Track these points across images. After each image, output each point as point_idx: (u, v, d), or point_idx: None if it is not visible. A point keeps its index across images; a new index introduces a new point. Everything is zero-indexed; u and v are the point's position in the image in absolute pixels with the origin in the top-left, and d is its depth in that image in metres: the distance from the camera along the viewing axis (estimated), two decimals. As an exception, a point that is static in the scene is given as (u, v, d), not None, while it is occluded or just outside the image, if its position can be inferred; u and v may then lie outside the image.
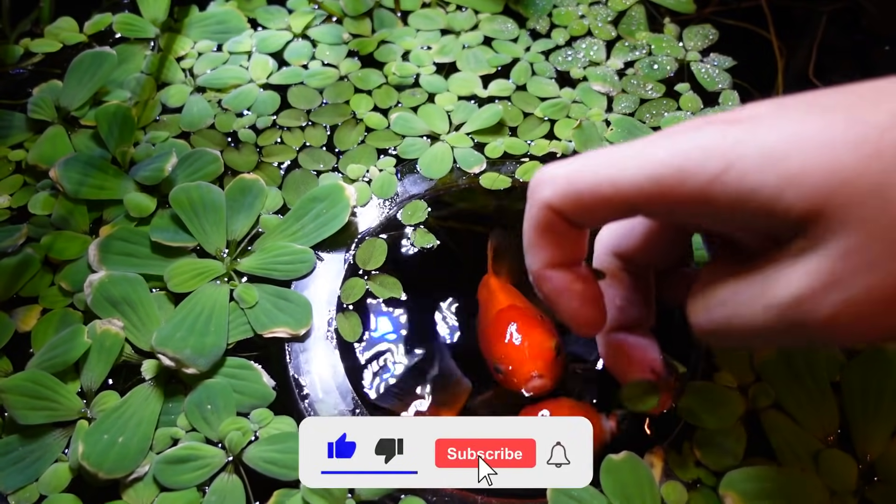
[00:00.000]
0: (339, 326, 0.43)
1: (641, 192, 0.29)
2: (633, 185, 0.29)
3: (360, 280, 0.45)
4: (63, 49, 0.56)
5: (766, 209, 0.26)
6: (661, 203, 0.29)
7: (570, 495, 0.36)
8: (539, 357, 0.38)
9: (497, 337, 0.40)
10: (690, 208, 0.28)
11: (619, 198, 0.29)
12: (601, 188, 0.29)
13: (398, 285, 0.44)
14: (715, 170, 0.27)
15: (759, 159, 0.26)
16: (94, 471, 0.36)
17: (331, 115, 0.53)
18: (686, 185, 0.28)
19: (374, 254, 0.46)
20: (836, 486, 0.36)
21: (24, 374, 0.39)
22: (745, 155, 0.27)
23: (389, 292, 0.44)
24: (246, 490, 0.37)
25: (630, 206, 0.30)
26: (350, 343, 0.42)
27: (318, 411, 0.40)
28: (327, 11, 0.59)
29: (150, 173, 0.47)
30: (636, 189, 0.29)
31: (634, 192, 0.29)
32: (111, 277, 0.42)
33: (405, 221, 0.47)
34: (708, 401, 0.39)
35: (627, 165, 0.29)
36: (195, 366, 0.39)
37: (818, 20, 0.58)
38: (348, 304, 0.44)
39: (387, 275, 0.45)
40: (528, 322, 0.40)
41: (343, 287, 0.44)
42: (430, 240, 0.46)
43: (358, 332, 0.43)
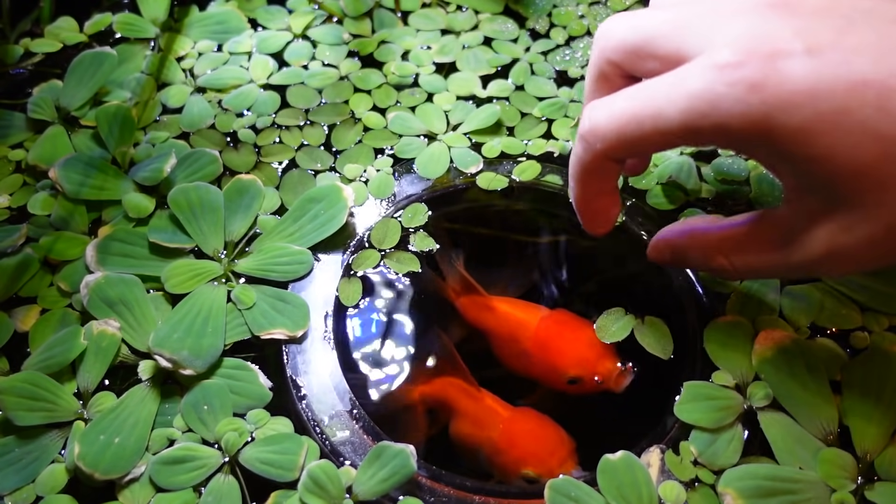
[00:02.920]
0: (341, 290, 0.44)
1: (686, 134, 0.31)
2: (676, 129, 0.31)
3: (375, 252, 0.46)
4: (63, 49, 0.56)
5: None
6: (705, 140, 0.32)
7: (568, 495, 0.36)
8: (609, 350, 0.40)
9: (556, 350, 0.40)
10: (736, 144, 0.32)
11: (665, 141, 0.32)
12: (648, 137, 0.32)
13: (415, 260, 0.45)
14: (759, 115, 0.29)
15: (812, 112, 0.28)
16: (90, 471, 0.36)
17: (329, 115, 0.53)
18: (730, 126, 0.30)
19: (389, 233, 0.46)
20: (835, 484, 0.36)
21: (20, 375, 0.39)
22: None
23: (407, 267, 0.45)
24: (242, 491, 0.37)
25: (676, 144, 0.33)
26: (348, 343, 0.42)
27: (316, 412, 0.40)
28: (327, 12, 0.59)
29: (149, 174, 0.47)
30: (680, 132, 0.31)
31: (679, 135, 0.32)
32: (107, 278, 0.42)
33: (406, 225, 0.47)
34: (705, 400, 0.39)
35: (667, 111, 0.31)
36: (192, 367, 0.39)
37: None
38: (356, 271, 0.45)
39: (402, 251, 0.46)
40: (571, 324, 0.41)
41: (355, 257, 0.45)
42: (429, 243, 0.46)
43: (356, 299, 0.44)
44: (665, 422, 0.39)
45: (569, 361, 0.40)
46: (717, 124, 0.30)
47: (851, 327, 0.42)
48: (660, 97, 0.31)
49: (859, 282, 0.43)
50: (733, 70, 0.29)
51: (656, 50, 0.33)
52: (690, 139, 0.32)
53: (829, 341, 0.41)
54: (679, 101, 0.31)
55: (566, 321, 0.42)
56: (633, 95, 0.33)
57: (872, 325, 0.42)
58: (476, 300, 0.44)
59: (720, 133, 0.30)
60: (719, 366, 0.40)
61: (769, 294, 0.43)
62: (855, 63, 0.28)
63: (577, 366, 0.40)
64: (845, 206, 0.31)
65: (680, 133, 0.31)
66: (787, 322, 0.42)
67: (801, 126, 0.29)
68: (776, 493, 0.36)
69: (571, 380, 0.40)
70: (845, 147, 0.29)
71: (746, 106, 0.29)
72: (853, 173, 0.29)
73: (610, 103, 0.34)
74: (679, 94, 0.31)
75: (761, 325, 0.41)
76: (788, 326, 0.41)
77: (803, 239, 0.33)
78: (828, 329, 0.42)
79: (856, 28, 0.29)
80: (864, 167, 0.29)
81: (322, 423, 0.39)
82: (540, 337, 0.41)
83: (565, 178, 0.48)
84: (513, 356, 0.42)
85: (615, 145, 0.34)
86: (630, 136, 0.33)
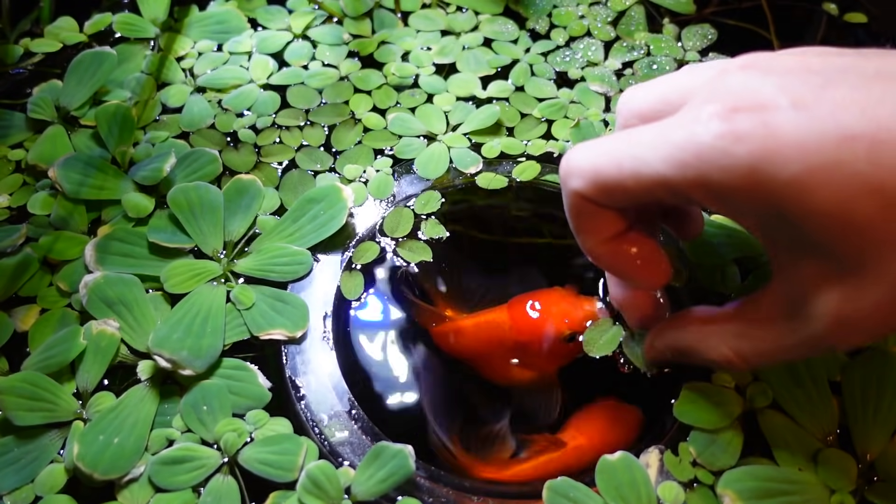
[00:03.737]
0: (343, 283, 0.44)
1: (665, 184, 0.30)
2: (655, 177, 0.30)
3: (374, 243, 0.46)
4: (63, 49, 0.56)
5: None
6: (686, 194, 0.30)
7: (566, 496, 0.36)
8: (579, 296, 0.41)
9: (538, 323, 0.41)
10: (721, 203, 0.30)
11: (643, 189, 0.31)
12: (625, 182, 0.31)
13: (427, 249, 0.45)
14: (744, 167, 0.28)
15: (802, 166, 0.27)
16: (89, 472, 0.36)
17: (329, 115, 0.53)
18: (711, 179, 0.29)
19: (402, 222, 0.47)
20: (835, 485, 0.36)
21: (20, 375, 0.39)
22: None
23: (419, 256, 0.45)
24: (241, 491, 0.37)
25: (655, 195, 0.31)
26: (347, 344, 0.42)
27: (315, 412, 0.40)
28: (327, 12, 0.59)
29: (149, 173, 0.47)
30: (658, 181, 0.30)
31: (658, 185, 0.30)
32: (106, 278, 0.42)
33: (419, 212, 0.47)
34: (705, 401, 0.39)
35: (648, 157, 0.30)
36: (192, 367, 0.39)
37: (818, 20, 0.58)
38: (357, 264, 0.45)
39: (415, 240, 0.46)
40: (536, 297, 0.42)
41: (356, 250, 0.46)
42: (439, 231, 0.46)
43: (358, 292, 0.44)
44: (664, 422, 0.39)
45: (556, 323, 0.40)
46: (700, 175, 0.29)
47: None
48: (644, 143, 0.31)
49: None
50: (720, 122, 0.28)
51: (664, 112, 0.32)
52: (671, 190, 0.30)
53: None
54: (662, 149, 0.30)
55: (530, 297, 0.42)
56: (617, 137, 0.32)
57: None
58: (443, 329, 0.43)
59: (704, 186, 0.29)
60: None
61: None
62: (842, 117, 0.27)
63: (565, 321, 0.40)
64: (845, 269, 0.29)
65: (660, 181, 0.30)
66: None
67: (791, 180, 0.27)
68: (775, 494, 0.36)
69: (568, 337, 0.40)
70: (840, 202, 0.27)
71: (733, 158, 0.28)
72: (850, 230, 0.27)
73: (592, 143, 0.33)
74: (663, 141, 0.30)
75: (761, 325, 0.41)
76: (788, 327, 0.41)
77: (807, 312, 0.31)
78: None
79: (835, 84, 0.28)
80: (860, 223, 0.27)
81: (321, 423, 0.39)
82: (517, 322, 0.41)
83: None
84: (502, 362, 0.42)
85: (591, 184, 0.32)
86: (607, 177, 0.32)
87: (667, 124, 0.31)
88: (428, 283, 0.44)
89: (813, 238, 0.28)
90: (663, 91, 0.33)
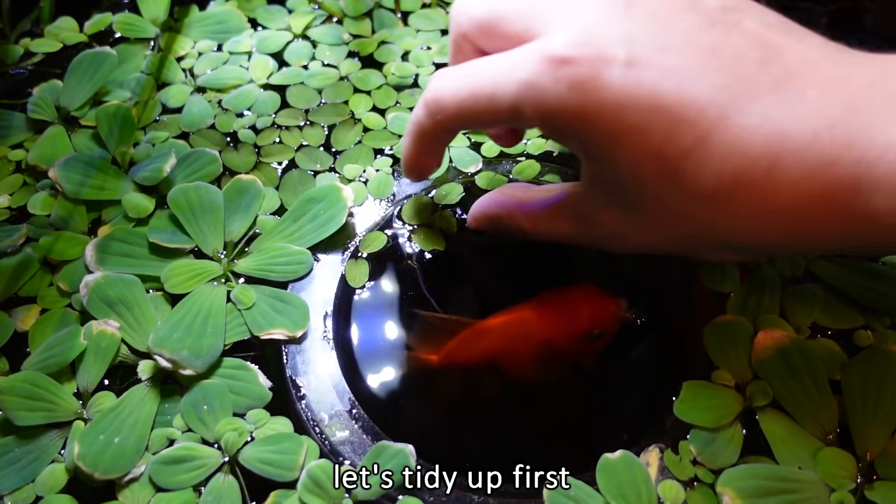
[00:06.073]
0: (347, 272, 0.45)
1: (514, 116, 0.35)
2: (506, 111, 0.35)
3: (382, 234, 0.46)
4: (63, 49, 0.56)
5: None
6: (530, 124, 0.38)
7: (567, 495, 0.36)
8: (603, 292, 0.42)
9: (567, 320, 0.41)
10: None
11: (495, 120, 0.37)
12: (482, 115, 0.36)
13: (441, 239, 0.46)
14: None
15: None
16: (89, 471, 0.36)
17: (329, 115, 0.53)
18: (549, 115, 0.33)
19: (420, 210, 0.47)
20: (835, 484, 0.36)
21: (20, 375, 0.39)
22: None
23: (432, 244, 0.46)
24: (242, 491, 0.37)
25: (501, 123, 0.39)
26: (347, 343, 0.42)
27: (316, 412, 0.40)
28: (327, 12, 0.59)
29: (149, 174, 0.47)
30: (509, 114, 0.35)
31: (508, 116, 0.35)
32: (107, 278, 0.42)
33: (438, 201, 0.48)
34: (705, 399, 0.39)
35: (500, 94, 0.34)
36: (192, 367, 0.39)
37: (819, 20, 0.58)
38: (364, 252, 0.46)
39: (429, 228, 0.46)
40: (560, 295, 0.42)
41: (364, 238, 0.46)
42: (451, 223, 0.47)
43: (363, 280, 0.44)
44: (664, 421, 0.39)
45: (586, 322, 0.41)
46: (540, 113, 0.33)
47: (852, 327, 0.42)
48: (497, 79, 0.34)
49: (860, 282, 0.43)
50: (560, 66, 0.32)
51: (505, 29, 0.36)
52: (519, 122, 0.37)
53: (828, 341, 0.41)
54: (510, 87, 0.34)
55: (558, 295, 0.42)
56: (474, 72, 0.36)
57: (875, 324, 0.42)
58: (461, 339, 0.42)
59: (542, 121, 0.34)
60: (719, 365, 0.40)
61: (770, 294, 0.43)
62: (662, 86, 0.31)
63: (595, 319, 0.41)
64: (630, 205, 0.35)
65: (510, 115, 0.35)
66: (787, 322, 0.42)
67: (606, 132, 0.32)
68: (775, 493, 0.36)
69: (597, 336, 0.41)
70: (635, 160, 0.32)
71: (566, 103, 0.32)
72: (639, 184, 0.34)
73: (455, 77, 0.37)
74: (512, 79, 0.34)
75: (762, 324, 0.41)
76: (789, 326, 0.41)
77: (594, 220, 0.38)
78: (829, 329, 0.42)
79: (675, 50, 0.31)
80: (645, 179, 0.33)
81: (321, 422, 0.39)
82: (546, 320, 0.41)
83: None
84: (529, 359, 0.42)
85: (454, 118, 0.37)
86: (467, 112, 0.36)
87: (518, 58, 0.34)
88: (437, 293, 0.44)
89: (613, 177, 0.35)
90: (513, 3, 0.36)
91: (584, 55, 0.32)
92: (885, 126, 0.29)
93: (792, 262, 0.44)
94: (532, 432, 0.40)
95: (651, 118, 0.31)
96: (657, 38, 0.32)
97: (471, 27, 0.38)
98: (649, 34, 0.32)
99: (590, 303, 0.41)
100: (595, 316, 0.41)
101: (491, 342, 0.42)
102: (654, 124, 0.31)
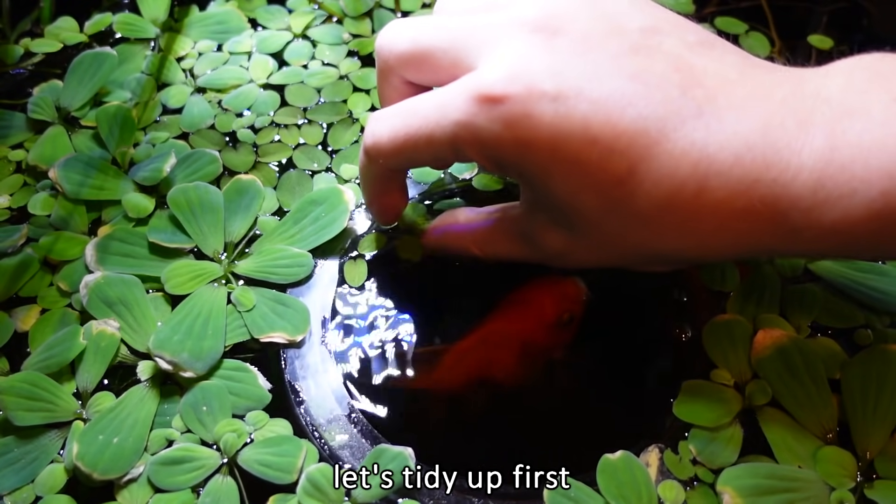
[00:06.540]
0: (346, 272, 0.45)
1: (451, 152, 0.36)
2: (443, 149, 0.36)
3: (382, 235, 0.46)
4: (63, 49, 0.56)
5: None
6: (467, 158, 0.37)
7: (567, 495, 0.36)
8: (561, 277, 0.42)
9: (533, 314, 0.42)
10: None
11: (433, 157, 0.37)
12: (420, 154, 0.37)
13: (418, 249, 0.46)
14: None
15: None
16: (88, 471, 0.36)
17: (328, 114, 0.53)
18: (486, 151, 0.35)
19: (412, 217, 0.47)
20: (835, 482, 0.36)
21: (20, 376, 0.39)
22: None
23: (409, 254, 0.46)
24: (240, 492, 0.37)
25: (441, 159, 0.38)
26: (346, 346, 0.42)
27: (314, 416, 0.40)
28: (327, 11, 0.59)
29: (149, 174, 0.47)
30: (446, 151, 0.36)
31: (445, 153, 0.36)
32: (107, 278, 0.42)
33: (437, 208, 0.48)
34: (704, 399, 0.39)
35: (436, 134, 0.35)
36: (192, 369, 0.39)
37: (818, 20, 0.58)
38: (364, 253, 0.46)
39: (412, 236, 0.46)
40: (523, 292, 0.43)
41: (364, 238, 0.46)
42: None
43: (361, 280, 0.45)
44: (664, 421, 0.39)
45: (554, 311, 0.42)
46: (478, 151, 0.35)
47: (853, 326, 0.42)
48: (431, 120, 0.35)
49: (861, 281, 0.43)
50: (492, 106, 0.33)
51: (433, 63, 0.37)
52: (458, 159, 0.37)
53: (828, 340, 0.41)
54: (447, 128, 0.35)
55: (518, 295, 0.43)
56: (409, 114, 0.37)
57: (875, 323, 0.42)
58: (444, 367, 0.42)
59: (481, 157, 0.35)
60: (718, 364, 0.40)
61: (770, 293, 0.43)
62: (592, 118, 0.32)
63: (560, 304, 0.42)
64: (570, 227, 0.37)
65: (450, 153, 0.36)
66: (787, 321, 0.42)
67: (542, 164, 0.33)
68: (775, 492, 0.36)
69: (567, 321, 0.41)
70: (571, 190, 0.34)
71: (501, 140, 0.33)
72: (578, 211, 0.35)
73: (390, 121, 0.37)
74: (447, 120, 0.35)
75: (762, 323, 0.41)
76: (789, 325, 0.41)
77: (537, 241, 0.39)
78: (829, 328, 0.42)
79: (602, 77, 0.32)
80: (586, 209, 0.34)
81: (320, 427, 0.39)
82: (519, 322, 0.42)
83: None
84: (513, 364, 0.42)
85: (395, 160, 0.38)
86: (408, 153, 0.37)
87: (452, 96, 0.35)
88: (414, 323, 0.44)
89: (553, 204, 0.36)
90: (439, 39, 0.37)
91: (514, 92, 0.33)
92: (796, 147, 0.31)
93: (791, 262, 0.44)
94: (532, 433, 0.40)
95: (584, 150, 0.32)
96: (583, 67, 0.33)
97: (397, 62, 0.39)
98: (575, 65, 0.33)
99: (549, 292, 0.42)
100: (559, 302, 0.42)
101: (473, 361, 0.42)
102: (587, 156, 0.32)
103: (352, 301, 0.44)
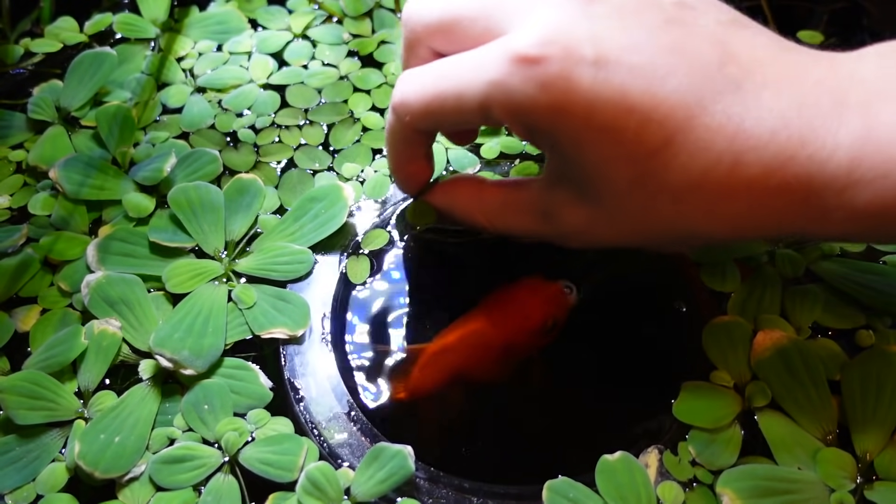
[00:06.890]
0: (349, 268, 0.45)
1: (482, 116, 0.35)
2: (474, 111, 0.35)
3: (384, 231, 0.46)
4: (63, 49, 0.56)
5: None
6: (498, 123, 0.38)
7: (566, 496, 0.36)
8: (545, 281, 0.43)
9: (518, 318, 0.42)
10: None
11: (463, 120, 0.36)
12: (448, 115, 0.36)
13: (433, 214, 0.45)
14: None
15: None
16: (90, 470, 0.36)
17: (328, 114, 0.53)
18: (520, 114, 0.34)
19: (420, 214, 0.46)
20: (834, 484, 0.36)
21: (21, 375, 0.39)
22: None
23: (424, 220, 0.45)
24: (242, 491, 0.37)
25: (471, 123, 0.38)
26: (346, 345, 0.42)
27: (314, 414, 0.40)
28: (327, 12, 0.59)
29: (149, 173, 0.47)
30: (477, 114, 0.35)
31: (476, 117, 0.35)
32: (108, 278, 0.42)
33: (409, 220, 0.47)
34: (704, 400, 0.39)
35: (467, 94, 0.34)
36: (193, 367, 0.39)
37: (818, 19, 0.58)
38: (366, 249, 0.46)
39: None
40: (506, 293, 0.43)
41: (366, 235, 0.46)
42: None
43: (364, 276, 0.44)
44: (663, 422, 0.39)
45: (539, 316, 0.41)
46: (509, 112, 0.34)
47: (854, 327, 0.42)
48: (464, 79, 0.34)
49: (861, 282, 0.43)
50: (528, 66, 0.32)
51: (464, 31, 0.36)
52: (487, 121, 0.36)
53: (828, 341, 0.41)
54: (478, 87, 0.34)
55: (503, 296, 0.43)
56: (440, 73, 0.36)
57: (876, 324, 0.42)
58: (422, 368, 0.42)
59: (511, 120, 0.34)
60: (718, 365, 0.40)
61: (770, 294, 0.43)
62: (630, 86, 0.31)
63: (548, 312, 0.42)
64: (596, 201, 0.36)
65: (478, 114, 0.35)
66: (788, 322, 0.42)
67: (576, 130, 0.33)
68: (775, 493, 0.36)
69: (550, 328, 0.41)
70: (605, 158, 0.33)
71: (536, 103, 0.32)
72: (607, 181, 0.34)
73: (420, 79, 0.37)
74: (479, 79, 0.34)
75: (762, 324, 0.41)
76: (790, 326, 0.41)
77: (556, 216, 0.38)
78: (830, 329, 0.42)
79: (641, 47, 0.32)
80: (616, 180, 0.34)
81: (320, 425, 0.39)
82: (501, 325, 0.42)
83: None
84: (492, 364, 0.42)
85: (422, 119, 0.37)
86: (436, 113, 0.36)
87: (484, 56, 0.34)
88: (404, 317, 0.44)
89: (581, 175, 0.35)
90: (470, 6, 0.36)
91: (553, 54, 0.32)
92: (832, 126, 0.31)
93: (792, 262, 0.44)
94: (531, 434, 0.40)
95: (621, 118, 0.32)
96: (621, 35, 0.32)
97: (426, 31, 0.38)
98: (613, 32, 0.32)
99: (537, 297, 0.42)
100: (546, 309, 0.42)
101: (452, 360, 0.42)
102: (624, 124, 0.32)
103: (353, 298, 0.44)
